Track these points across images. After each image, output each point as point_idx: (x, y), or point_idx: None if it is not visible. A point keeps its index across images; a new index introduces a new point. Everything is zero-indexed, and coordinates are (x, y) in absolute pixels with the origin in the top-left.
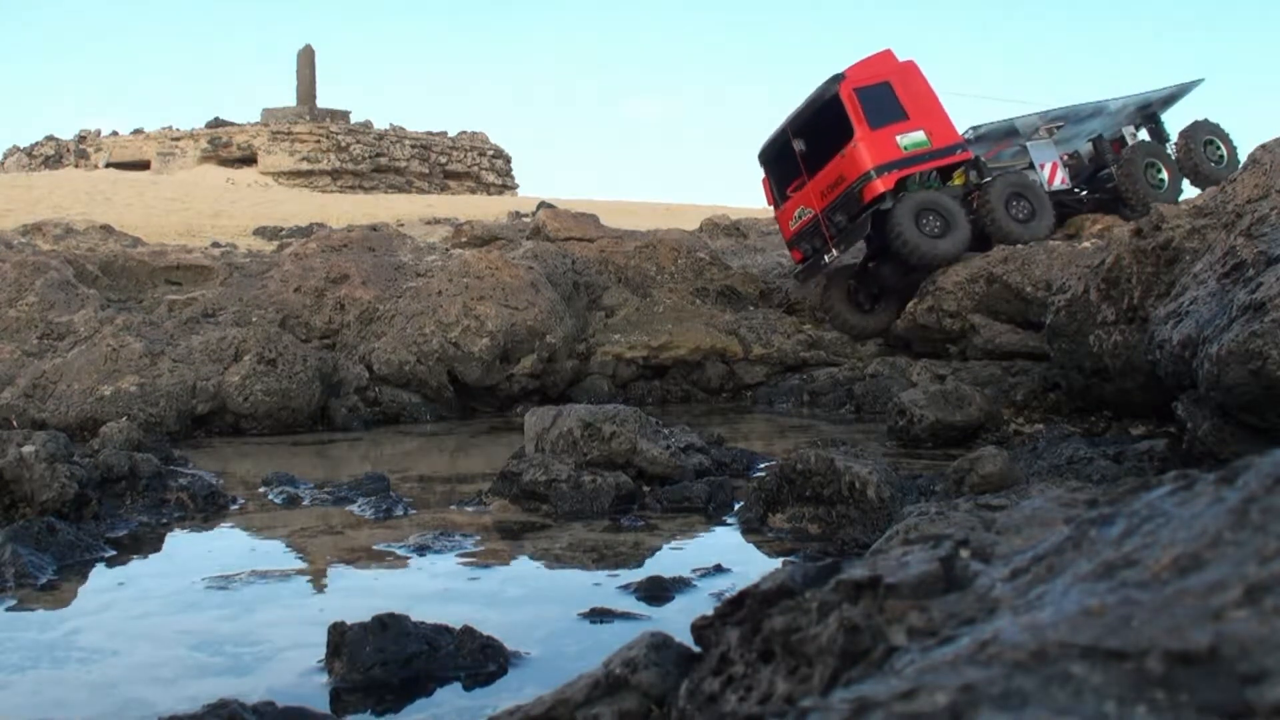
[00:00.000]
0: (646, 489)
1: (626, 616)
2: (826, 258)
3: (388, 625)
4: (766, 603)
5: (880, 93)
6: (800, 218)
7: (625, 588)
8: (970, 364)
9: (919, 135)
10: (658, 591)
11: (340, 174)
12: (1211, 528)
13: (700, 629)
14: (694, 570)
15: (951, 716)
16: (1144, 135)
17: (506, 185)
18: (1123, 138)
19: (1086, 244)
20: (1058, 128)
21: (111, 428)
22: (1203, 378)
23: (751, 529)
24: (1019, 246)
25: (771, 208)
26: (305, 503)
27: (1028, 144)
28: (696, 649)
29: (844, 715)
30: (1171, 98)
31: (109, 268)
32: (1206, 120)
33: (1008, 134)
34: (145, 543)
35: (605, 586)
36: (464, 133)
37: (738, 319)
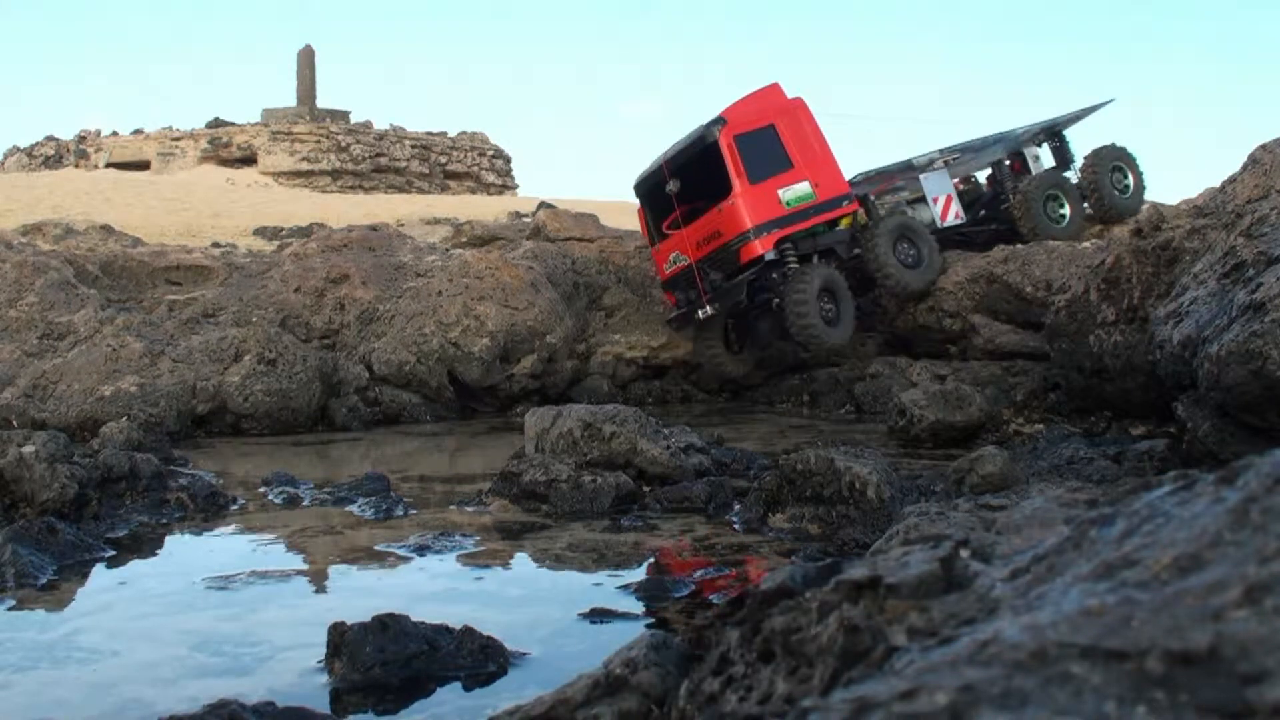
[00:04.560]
0: (646, 489)
1: (626, 616)
2: (700, 314)
3: (388, 625)
4: (766, 603)
5: (763, 139)
6: (675, 263)
7: (625, 588)
8: (970, 364)
9: (803, 188)
10: (658, 591)
11: (340, 174)
12: (1211, 528)
13: (700, 629)
14: (694, 570)
15: (951, 716)
16: (1047, 152)
17: (506, 185)
18: (1023, 156)
19: (1086, 244)
20: (954, 159)
21: (111, 428)
22: (1203, 378)
23: (751, 529)
24: (1018, 246)
25: (647, 242)
26: (305, 503)
27: (921, 176)
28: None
29: (844, 715)
30: (1077, 118)
31: (109, 268)
32: (1115, 145)
33: (903, 170)
34: (145, 543)
35: (605, 586)
36: (464, 133)
37: None
